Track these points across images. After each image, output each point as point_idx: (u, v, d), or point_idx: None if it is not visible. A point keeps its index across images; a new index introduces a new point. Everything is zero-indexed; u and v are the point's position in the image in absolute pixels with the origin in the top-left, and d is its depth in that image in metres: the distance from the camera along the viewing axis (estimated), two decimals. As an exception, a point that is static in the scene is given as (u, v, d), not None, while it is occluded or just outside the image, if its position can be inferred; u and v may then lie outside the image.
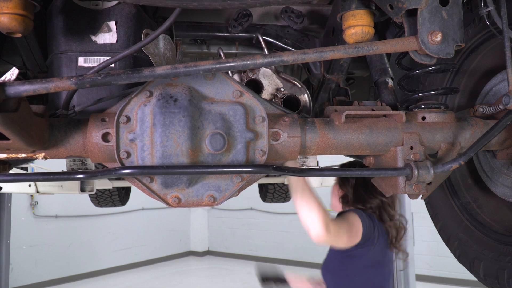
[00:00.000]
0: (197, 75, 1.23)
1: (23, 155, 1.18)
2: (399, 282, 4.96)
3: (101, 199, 4.53)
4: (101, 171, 1.14)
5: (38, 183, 3.72)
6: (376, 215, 2.22)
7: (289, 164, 1.50)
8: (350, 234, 2.04)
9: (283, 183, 4.64)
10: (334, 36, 1.67)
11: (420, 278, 6.76)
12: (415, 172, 1.25)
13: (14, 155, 1.17)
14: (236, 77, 1.62)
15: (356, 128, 1.33)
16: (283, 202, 5.15)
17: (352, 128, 1.33)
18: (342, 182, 2.33)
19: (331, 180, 4.13)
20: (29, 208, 8.03)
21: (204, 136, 1.19)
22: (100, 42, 1.36)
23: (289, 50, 1.86)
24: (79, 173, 1.17)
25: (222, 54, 1.78)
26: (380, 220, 2.22)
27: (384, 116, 1.38)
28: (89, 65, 1.35)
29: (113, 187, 4.27)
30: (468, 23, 1.53)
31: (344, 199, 2.31)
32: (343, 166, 2.46)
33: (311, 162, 3.03)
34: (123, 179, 2.08)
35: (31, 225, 8.01)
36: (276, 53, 1.12)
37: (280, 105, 1.52)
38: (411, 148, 1.32)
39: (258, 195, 5.31)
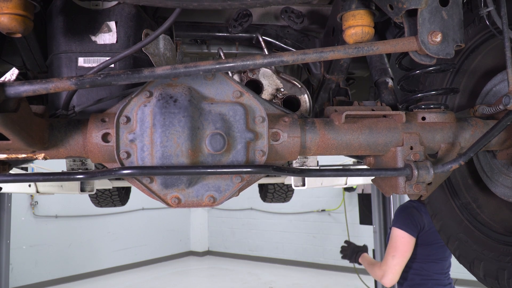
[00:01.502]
0: (197, 75, 1.23)
1: (23, 155, 1.17)
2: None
3: (101, 199, 4.53)
4: (101, 171, 1.13)
5: (38, 183, 3.71)
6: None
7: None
8: (402, 254, 2.69)
9: (283, 183, 4.64)
10: (334, 36, 1.67)
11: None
12: (415, 172, 1.25)
13: (14, 156, 1.17)
14: (236, 77, 1.62)
15: (356, 129, 1.33)
16: (283, 202, 5.15)
17: (352, 128, 1.33)
18: None
19: (331, 180, 4.14)
20: (29, 208, 8.03)
21: (204, 137, 1.19)
22: (100, 42, 1.35)
23: (289, 50, 1.86)
24: (79, 173, 1.16)
25: (222, 54, 1.78)
26: None
27: (384, 116, 1.37)
28: (89, 65, 1.35)
29: (113, 187, 4.28)
30: (468, 23, 1.53)
31: None
32: None
33: (311, 162, 3.03)
34: (123, 179, 2.08)
35: (31, 225, 8.02)
36: (276, 53, 1.12)
37: (280, 105, 1.52)
38: (411, 148, 1.32)
39: (258, 195, 5.32)
